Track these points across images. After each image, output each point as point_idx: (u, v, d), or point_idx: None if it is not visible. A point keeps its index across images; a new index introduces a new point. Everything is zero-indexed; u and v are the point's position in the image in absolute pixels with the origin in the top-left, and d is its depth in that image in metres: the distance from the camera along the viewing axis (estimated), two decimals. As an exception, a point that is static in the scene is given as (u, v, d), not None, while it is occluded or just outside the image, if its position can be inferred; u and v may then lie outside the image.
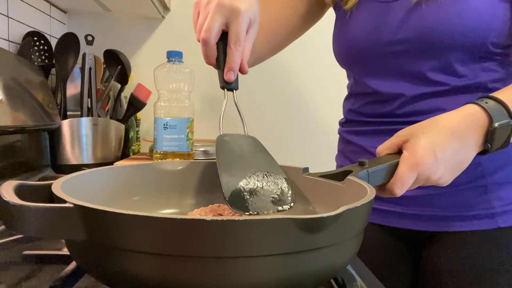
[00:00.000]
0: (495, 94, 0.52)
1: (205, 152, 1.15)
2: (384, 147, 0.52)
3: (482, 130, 0.49)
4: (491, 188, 0.62)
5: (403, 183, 0.47)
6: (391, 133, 0.58)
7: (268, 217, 0.28)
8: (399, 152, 0.50)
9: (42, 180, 0.83)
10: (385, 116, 0.67)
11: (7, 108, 0.78)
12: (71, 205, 0.29)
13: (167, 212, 0.52)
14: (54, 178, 0.85)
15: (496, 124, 0.48)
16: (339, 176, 0.47)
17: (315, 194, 0.50)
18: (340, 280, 0.42)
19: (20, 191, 0.32)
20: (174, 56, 1.04)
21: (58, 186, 0.35)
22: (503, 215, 0.62)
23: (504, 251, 0.61)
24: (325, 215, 0.30)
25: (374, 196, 0.38)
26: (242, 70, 0.50)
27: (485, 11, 0.57)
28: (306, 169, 0.52)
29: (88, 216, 0.29)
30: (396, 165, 0.48)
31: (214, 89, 1.37)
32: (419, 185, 0.49)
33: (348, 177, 0.45)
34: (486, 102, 0.50)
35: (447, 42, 0.58)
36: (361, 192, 0.40)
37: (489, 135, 0.49)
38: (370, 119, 0.70)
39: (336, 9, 0.76)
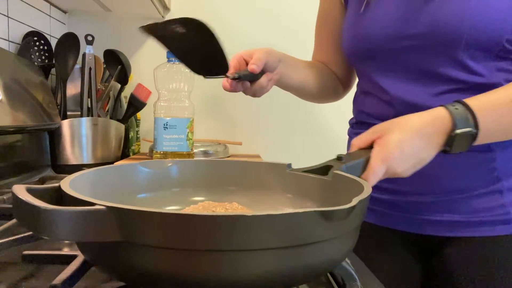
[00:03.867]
0: (473, 98, 0.54)
1: (205, 152, 1.15)
2: (360, 141, 0.54)
3: (445, 134, 0.52)
4: (507, 193, 0.62)
5: (375, 175, 0.50)
6: None
7: (285, 211, 0.29)
8: (370, 146, 0.53)
9: (42, 180, 0.83)
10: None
11: (7, 108, 0.78)
12: (103, 207, 0.28)
13: (171, 208, 0.53)
14: (54, 178, 0.85)
15: (458, 131, 0.52)
16: (321, 170, 0.51)
17: (305, 188, 0.51)
18: (340, 280, 0.42)
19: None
20: (174, 56, 1.04)
21: (67, 185, 0.35)
22: None
23: None
24: (342, 207, 0.31)
25: (371, 189, 0.39)
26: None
27: (501, 7, 0.56)
28: (289, 165, 0.54)
29: (122, 217, 0.29)
30: (368, 159, 0.52)
31: (214, 89, 1.37)
32: (386, 177, 0.52)
33: (335, 171, 0.48)
34: (456, 108, 0.52)
35: (460, 38, 0.57)
36: (349, 184, 0.43)
37: (450, 139, 0.52)
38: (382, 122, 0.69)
39: (348, 4, 0.74)
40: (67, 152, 1.02)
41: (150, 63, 1.26)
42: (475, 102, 0.53)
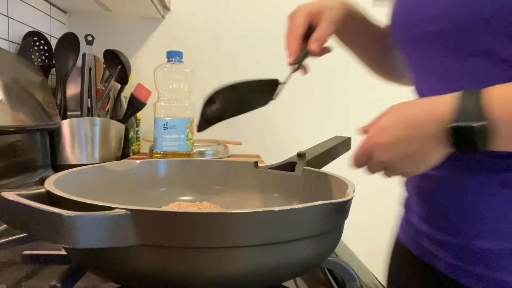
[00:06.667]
0: (498, 87, 0.40)
1: (205, 152, 1.16)
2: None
3: (438, 124, 0.42)
4: None
5: (354, 162, 0.49)
6: None
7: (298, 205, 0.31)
8: None
9: (42, 180, 0.82)
10: None
11: (7, 108, 0.78)
12: (123, 211, 0.28)
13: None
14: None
15: (455, 125, 0.40)
16: (286, 167, 0.53)
17: (287, 187, 0.52)
18: (340, 280, 0.42)
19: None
20: (174, 56, 1.04)
21: (57, 189, 0.34)
22: None
23: None
24: (347, 198, 0.34)
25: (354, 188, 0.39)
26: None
27: None
28: (256, 163, 0.56)
29: (144, 219, 0.28)
30: (335, 148, 0.54)
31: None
32: (379, 169, 0.47)
33: (304, 167, 0.51)
34: (466, 96, 0.41)
35: (479, 22, 0.44)
36: (321, 178, 0.47)
37: (447, 133, 0.41)
38: None
39: None
40: (67, 152, 1.02)
41: (150, 63, 1.26)
42: (500, 92, 0.40)
